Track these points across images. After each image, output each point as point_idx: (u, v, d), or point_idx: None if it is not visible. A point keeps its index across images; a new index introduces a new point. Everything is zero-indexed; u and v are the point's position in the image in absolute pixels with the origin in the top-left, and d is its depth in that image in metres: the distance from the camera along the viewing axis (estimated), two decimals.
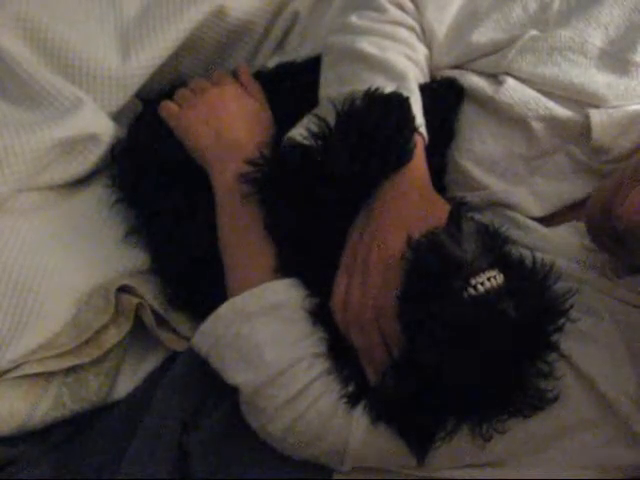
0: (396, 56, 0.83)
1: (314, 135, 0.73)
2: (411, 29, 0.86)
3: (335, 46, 0.86)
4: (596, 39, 0.79)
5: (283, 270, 0.74)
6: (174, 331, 0.83)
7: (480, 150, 0.81)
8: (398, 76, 0.81)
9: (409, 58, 0.84)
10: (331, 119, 0.74)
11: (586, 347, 0.67)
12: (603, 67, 0.78)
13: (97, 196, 0.87)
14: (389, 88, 0.77)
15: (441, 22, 0.86)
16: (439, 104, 0.82)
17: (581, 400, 0.66)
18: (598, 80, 0.78)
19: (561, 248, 0.74)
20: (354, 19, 0.86)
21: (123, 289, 0.81)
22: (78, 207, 0.86)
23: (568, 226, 0.77)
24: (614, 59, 0.78)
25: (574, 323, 0.68)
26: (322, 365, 0.68)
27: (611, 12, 0.80)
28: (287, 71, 0.92)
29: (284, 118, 0.84)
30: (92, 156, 0.86)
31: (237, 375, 0.70)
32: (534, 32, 0.81)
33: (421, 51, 0.86)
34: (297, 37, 0.97)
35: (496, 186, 0.80)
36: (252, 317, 0.70)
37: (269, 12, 0.95)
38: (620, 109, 0.77)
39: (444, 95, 0.84)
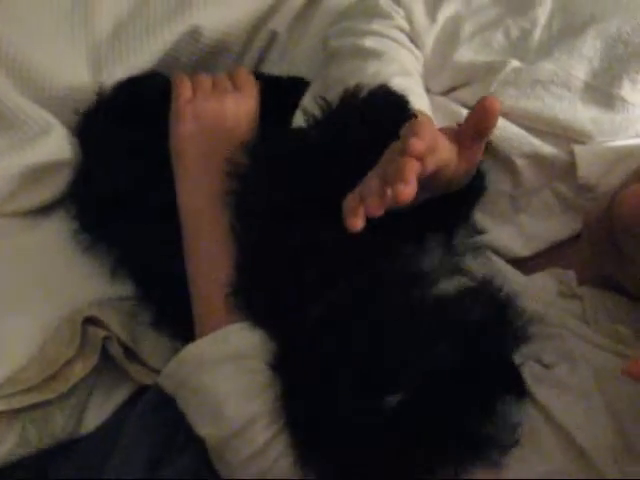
0: (410, 59, 0.83)
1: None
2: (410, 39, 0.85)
3: (341, 48, 0.85)
4: (580, 72, 0.77)
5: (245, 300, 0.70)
6: (142, 363, 0.81)
7: None
8: (409, 75, 0.80)
9: (415, 69, 0.83)
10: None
11: (562, 395, 0.66)
12: (588, 101, 0.76)
13: (64, 224, 0.85)
14: (399, 80, 0.77)
15: (428, 35, 0.84)
16: None
17: (557, 451, 0.64)
18: (583, 115, 0.76)
19: (538, 295, 0.72)
20: (359, 24, 0.85)
21: (89, 321, 0.79)
22: (44, 235, 0.84)
23: (544, 273, 0.74)
24: (599, 93, 0.76)
25: (550, 369, 0.67)
26: (281, 421, 0.65)
27: (594, 44, 0.77)
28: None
29: None
30: (60, 183, 0.84)
31: (201, 426, 0.68)
32: (516, 63, 0.79)
33: (421, 63, 0.85)
34: (276, 57, 0.94)
35: (485, 226, 0.78)
36: (213, 365, 0.68)
37: (245, 32, 0.92)
38: (605, 145, 0.75)
39: None
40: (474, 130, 0.64)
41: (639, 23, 0.77)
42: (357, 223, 0.60)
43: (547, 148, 0.76)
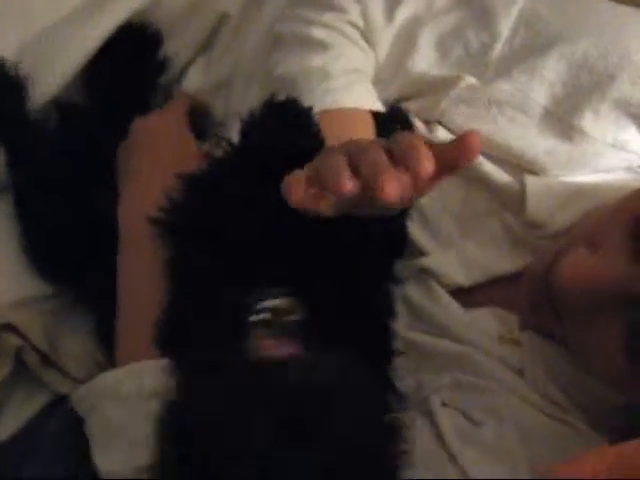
0: (360, 57, 0.76)
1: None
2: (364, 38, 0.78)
3: (286, 34, 0.78)
4: (540, 96, 0.70)
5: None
6: (61, 370, 0.77)
7: (421, 206, 0.72)
8: (357, 72, 0.74)
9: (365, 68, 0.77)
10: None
11: (484, 459, 0.62)
12: (544, 129, 0.70)
13: None
14: (344, 78, 0.72)
15: (384, 35, 0.77)
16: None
17: None
18: (539, 144, 0.70)
19: (475, 336, 0.67)
20: (309, 12, 0.78)
21: (5, 327, 0.75)
22: None
23: (487, 312, 0.69)
24: (558, 122, 0.69)
25: (477, 427, 0.63)
26: None
27: (557, 68, 0.70)
28: None
29: None
30: None
31: (100, 455, 0.62)
32: (471, 80, 0.72)
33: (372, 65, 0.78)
34: (226, 41, 0.87)
35: (429, 248, 0.72)
36: (126, 401, 0.62)
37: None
38: (558, 180, 0.69)
39: (388, 127, 0.73)
40: (445, 162, 0.53)
41: (606, 47, 0.69)
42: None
43: (498, 175, 0.70)
